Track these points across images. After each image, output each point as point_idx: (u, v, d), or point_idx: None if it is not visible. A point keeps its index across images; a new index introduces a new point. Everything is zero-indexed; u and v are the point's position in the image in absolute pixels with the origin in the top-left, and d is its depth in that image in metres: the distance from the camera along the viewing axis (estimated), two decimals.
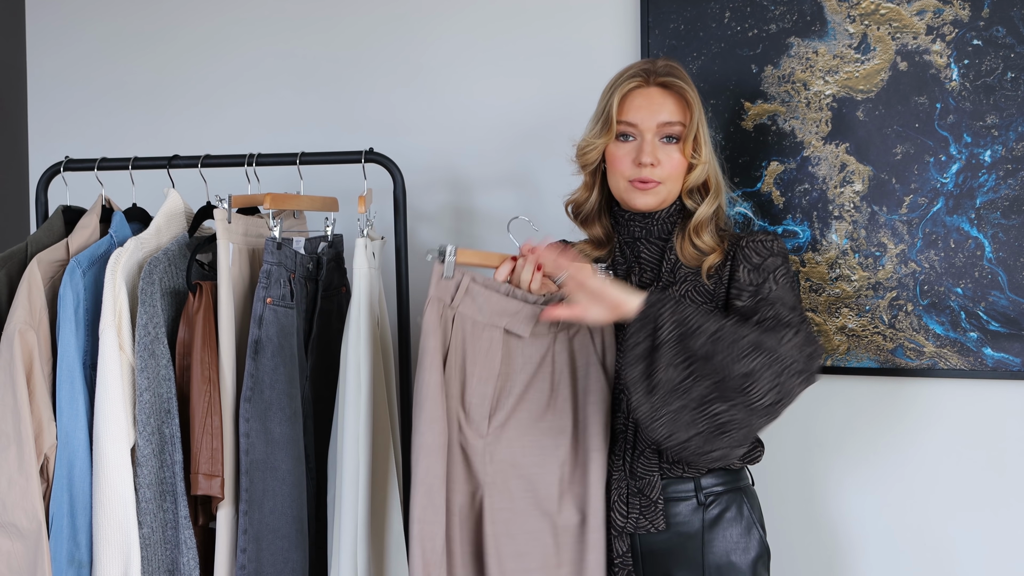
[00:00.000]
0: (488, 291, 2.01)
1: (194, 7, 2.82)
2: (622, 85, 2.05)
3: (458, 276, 2.00)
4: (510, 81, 2.58)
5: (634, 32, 2.47)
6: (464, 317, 2.01)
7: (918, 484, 2.34)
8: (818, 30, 2.33)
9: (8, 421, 2.06)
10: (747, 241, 2.03)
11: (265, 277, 2.13)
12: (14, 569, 2.06)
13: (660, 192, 2.05)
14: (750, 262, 2.01)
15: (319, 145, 2.52)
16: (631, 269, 2.09)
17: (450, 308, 2.01)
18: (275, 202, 2.19)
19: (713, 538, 2.01)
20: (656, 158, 2.02)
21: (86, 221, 2.25)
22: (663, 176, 2.03)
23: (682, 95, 2.03)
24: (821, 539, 2.40)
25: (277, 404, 2.13)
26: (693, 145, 2.04)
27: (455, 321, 2.01)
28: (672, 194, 2.06)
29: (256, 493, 2.10)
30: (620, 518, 2.03)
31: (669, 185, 2.05)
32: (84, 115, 2.91)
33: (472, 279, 2.01)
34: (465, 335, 2.02)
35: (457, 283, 2.00)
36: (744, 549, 2.01)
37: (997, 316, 2.25)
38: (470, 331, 2.02)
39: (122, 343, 2.07)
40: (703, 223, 2.05)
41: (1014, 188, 2.23)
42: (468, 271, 2.01)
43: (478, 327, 2.02)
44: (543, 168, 2.55)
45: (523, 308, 2.03)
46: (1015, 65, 2.23)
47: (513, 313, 2.03)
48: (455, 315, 2.01)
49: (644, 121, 2.03)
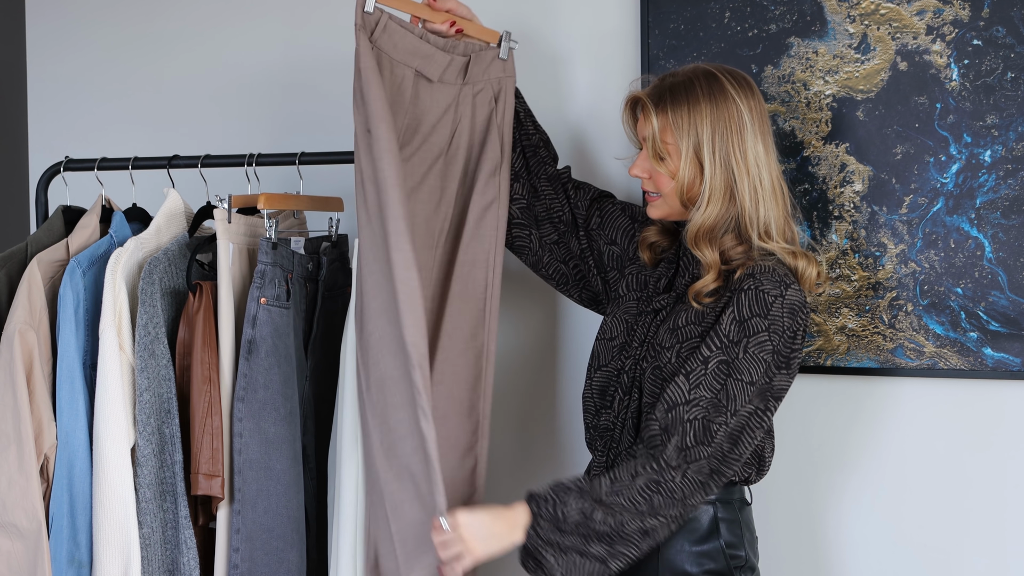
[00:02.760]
0: (403, 31, 2.09)
1: (194, 7, 2.82)
2: (627, 98, 2.06)
3: (377, 13, 2.05)
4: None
5: (634, 32, 2.47)
6: (381, 51, 2.08)
7: (918, 484, 2.34)
8: (818, 30, 2.33)
9: (8, 421, 2.06)
10: (749, 284, 1.94)
11: (259, 277, 2.13)
12: (14, 569, 2.06)
13: (660, 206, 2.04)
14: (739, 312, 1.93)
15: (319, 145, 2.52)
16: (670, 269, 2.09)
17: (369, 41, 2.08)
18: (270, 202, 2.19)
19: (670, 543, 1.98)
20: (645, 170, 2.03)
21: (86, 221, 2.25)
22: (654, 189, 2.03)
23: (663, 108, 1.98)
24: (820, 539, 2.40)
25: (271, 404, 2.13)
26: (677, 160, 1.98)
27: (373, 54, 2.09)
28: (676, 209, 2.03)
29: (250, 493, 2.10)
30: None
31: (668, 199, 2.02)
32: (84, 115, 2.91)
33: (389, 17, 2.07)
34: (381, 69, 2.09)
35: (376, 19, 2.05)
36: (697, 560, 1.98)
37: (997, 316, 2.25)
38: (386, 65, 2.09)
39: (122, 343, 2.07)
40: (697, 235, 1.98)
41: (1014, 188, 2.23)
42: (387, 10, 2.08)
43: (393, 64, 2.09)
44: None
45: (435, 53, 2.12)
46: (1015, 65, 2.23)
47: (425, 55, 2.12)
48: (373, 47, 2.08)
49: (639, 134, 2.05)
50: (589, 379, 2.12)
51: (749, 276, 1.95)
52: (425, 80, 2.13)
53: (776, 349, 1.92)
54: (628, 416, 2.03)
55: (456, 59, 2.16)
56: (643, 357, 2.02)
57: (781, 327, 1.93)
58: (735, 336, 1.92)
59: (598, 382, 2.10)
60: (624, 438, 2.03)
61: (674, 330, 2.00)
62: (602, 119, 2.50)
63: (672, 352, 1.98)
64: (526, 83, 2.46)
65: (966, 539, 2.31)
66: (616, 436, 2.04)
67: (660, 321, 2.04)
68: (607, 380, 2.08)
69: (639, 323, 2.07)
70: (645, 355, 2.02)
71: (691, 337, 1.98)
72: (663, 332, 2.01)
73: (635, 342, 2.06)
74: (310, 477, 2.24)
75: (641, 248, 2.13)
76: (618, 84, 2.48)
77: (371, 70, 2.01)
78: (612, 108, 2.49)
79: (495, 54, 2.22)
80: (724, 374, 1.91)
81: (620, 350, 2.08)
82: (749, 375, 1.91)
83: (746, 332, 1.92)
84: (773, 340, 1.92)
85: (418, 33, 2.11)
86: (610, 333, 2.11)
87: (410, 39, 2.09)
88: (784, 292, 1.93)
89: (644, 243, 2.13)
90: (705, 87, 1.98)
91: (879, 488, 2.36)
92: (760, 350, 1.92)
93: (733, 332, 1.92)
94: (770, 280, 1.94)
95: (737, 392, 1.91)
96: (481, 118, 2.20)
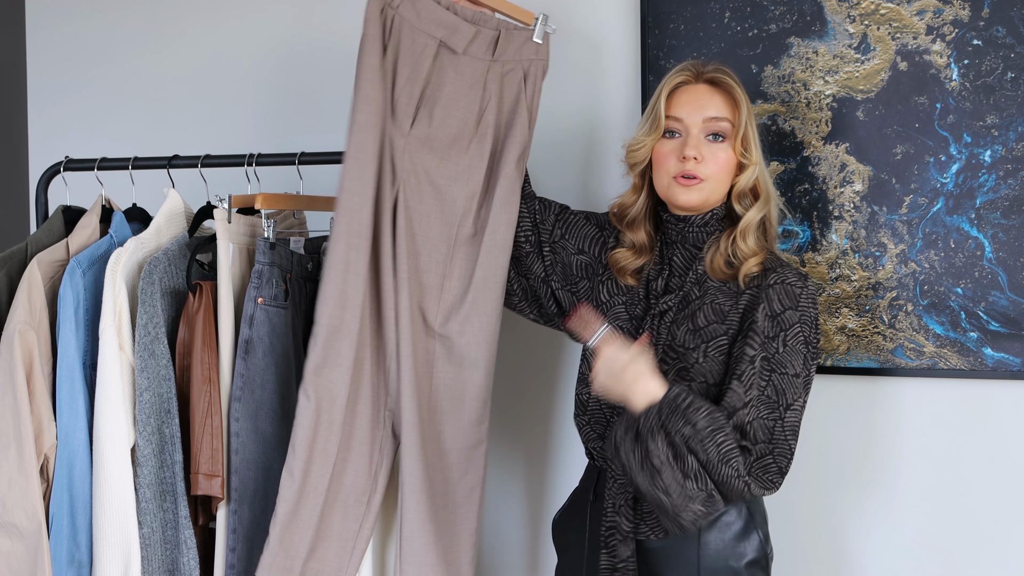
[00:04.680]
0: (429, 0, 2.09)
1: (194, 7, 2.82)
2: (669, 81, 2.05)
3: None
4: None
5: (634, 32, 2.47)
6: (403, 19, 2.07)
7: (917, 484, 2.34)
8: (818, 30, 2.33)
9: (8, 421, 2.06)
10: (775, 279, 1.99)
11: (256, 277, 2.13)
12: (14, 569, 2.06)
13: (704, 190, 2.02)
14: (771, 307, 1.97)
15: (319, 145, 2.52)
16: (662, 272, 2.09)
17: (391, 7, 2.07)
18: (268, 202, 2.19)
19: (708, 541, 2.00)
20: (701, 153, 2.01)
21: (86, 221, 2.25)
22: (707, 173, 2.01)
23: (730, 92, 2.02)
24: (820, 539, 2.40)
25: (269, 404, 2.13)
26: (743, 144, 2.01)
27: (394, 22, 2.08)
28: (715, 195, 2.03)
29: (247, 492, 2.10)
30: (627, 523, 2.02)
31: (713, 184, 2.02)
32: (84, 115, 2.91)
33: None
34: (401, 36, 2.08)
35: None
36: (740, 554, 2.00)
37: (997, 316, 2.25)
38: (407, 34, 2.08)
39: (122, 343, 2.07)
40: (748, 229, 2.02)
41: (1014, 188, 2.23)
42: None
43: (415, 32, 2.08)
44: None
45: (461, 24, 2.11)
46: (1015, 65, 2.23)
47: (451, 27, 2.10)
48: (395, 16, 2.07)
49: (690, 116, 2.02)
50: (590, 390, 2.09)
51: (772, 271, 2.00)
52: (450, 51, 2.12)
53: (808, 339, 1.97)
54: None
55: (484, 32, 2.13)
56: (660, 359, 2.02)
57: (810, 317, 1.98)
58: (771, 332, 1.96)
59: None
60: None
61: (696, 331, 2.01)
62: (602, 119, 2.50)
63: (699, 352, 1.99)
64: None
65: (966, 539, 2.31)
66: None
67: (671, 322, 2.03)
68: None
69: (645, 326, 2.06)
70: (664, 357, 2.02)
71: (716, 336, 1.99)
72: (683, 333, 2.01)
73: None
74: None
75: (623, 276, 2.11)
76: (618, 84, 2.48)
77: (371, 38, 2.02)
78: (612, 108, 2.49)
79: (528, 35, 2.19)
80: (768, 371, 1.94)
81: None
82: (792, 368, 1.95)
83: (782, 326, 1.96)
84: (804, 330, 1.97)
85: (445, 4, 2.09)
86: None
87: (436, 9, 2.09)
88: (806, 282, 2.00)
89: (626, 272, 2.10)
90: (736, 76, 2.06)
91: (879, 488, 2.36)
92: (796, 341, 1.96)
93: (768, 328, 1.96)
94: (792, 272, 2.01)
95: (784, 386, 1.94)
96: (509, 99, 2.18)
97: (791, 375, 1.95)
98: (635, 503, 2.03)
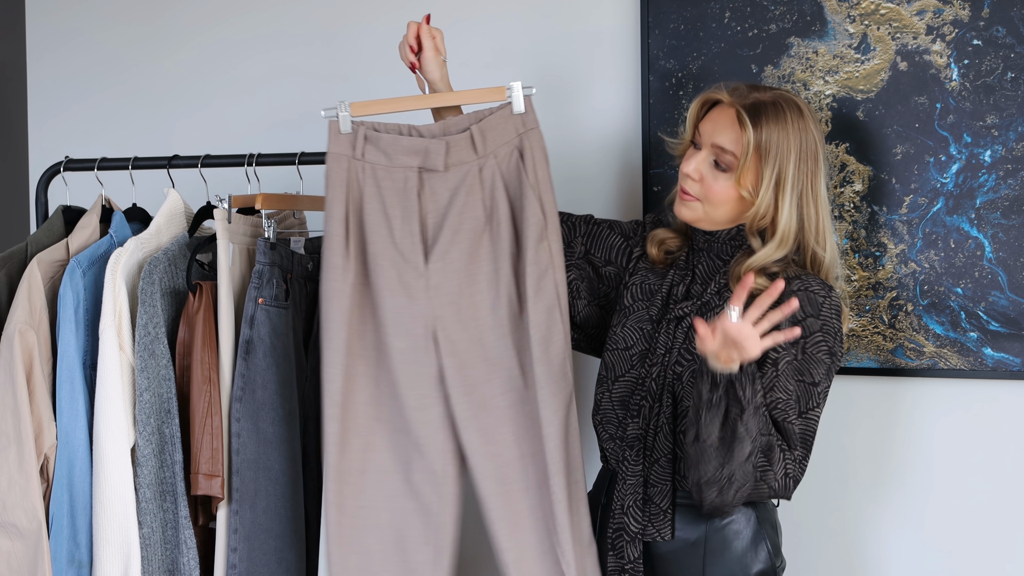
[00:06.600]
0: (389, 135, 2.02)
1: (194, 6, 2.82)
2: (709, 93, 2.03)
3: (355, 128, 2.01)
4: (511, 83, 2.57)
5: (634, 32, 2.47)
6: (374, 165, 2.02)
7: (917, 484, 2.34)
8: (818, 30, 2.33)
9: (8, 421, 2.06)
10: (798, 286, 1.95)
11: (257, 277, 2.13)
12: (14, 569, 2.06)
13: (697, 209, 2.01)
14: (793, 315, 1.92)
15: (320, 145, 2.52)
16: (684, 278, 2.08)
17: (356, 160, 2.02)
18: (267, 202, 2.19)
19: (715, 549, 1.99)
20: (699, 173, 2.00)
21: (86, 221, 2.25)
22: (699, 194, 2.00)
23: (745, 130, 1.95)
24: (820, 539, 2.40)
25: (270, 404, 2.13)
26: (751, 182, 1.96)
27: (365, 172, 2.03)
28: (716, 217, 2.01)
29: (247, 493, 2.10)
30: (634, 524, 2.03)
31: (707, 207, 2.00)
32: (84, 115, 2.91)
33: (368, 128, 2.02)
34: (379, 181, 2.03)
35: (355, 134, 2.01)
36: (747, 565, 1.99)
37: (997, 316, 2.25)
38: (383, 176, 2.03)
39: (122, 343, 2.07)
40: (760, 265, 1.98)
41: (1014, 188, 2.23)
42: (364, 122, 2.03)
43: (390, 171, 2.02)
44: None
45: (431, 144, 2.03)
46: (1015, 65, 2.23)
47: (422, 151, 2.03)
48: (363, 166, 2.02)
49: (706, 136, 2.00)
50: (607, 391, 2.09)
51: (796, 278, 1.97)
52: (432, 172, 2.03)
53: (832, 350, 1.95)
54: (662, 422, 2.02)
55: (456, 139, 2.03)
56: (674, 363, 2.02)
57: (832, 328, 1.95)
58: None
59: (618, 393, 2.08)
60: (659, 444, 2.02)
61: None
62: (602, 119, 2.50)
63: None
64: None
65: (965, 538, 2.31)
66: (650, 443, 2.03)
67: (688, 327, 2.03)
68: (629, 389, 2.07)
69: (660, 330, 2.06)
70: (677, 360, 2.02)
71: None
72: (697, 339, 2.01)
73: (659, 349, 2.04)
74: (310, 477, 2.24)
75: (650, 244, 2.12)
76: (618, 84, 2.48)
77: (334, 202, 1.99)
78: (612, 109, 2.49)
79: (507, 111, 2.05)
80: (788, 376, 1.92)
81: (641, 358, 2.07)
82: (811, 376, 1.93)
83: (802, 333, 1.92)
84: (828, 341, 1.95)
85: (406, 131, 2.02)
86: (626, 343, 2.09)
87: (401, 140, 2.01)
88: (830, 293, 1.97)
89: (654, 239, 2.12)
90: (795, 116, 1.97)
91: (879, 488, 2.36)
92: (817, 350, 1.94)
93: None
94: (816, 281, 1.97)
95: (802, 393, 1.93)
96: (513, 183, 2.05)
97: (808, 383, 1.93)
98: (643, 504, 2.03)
